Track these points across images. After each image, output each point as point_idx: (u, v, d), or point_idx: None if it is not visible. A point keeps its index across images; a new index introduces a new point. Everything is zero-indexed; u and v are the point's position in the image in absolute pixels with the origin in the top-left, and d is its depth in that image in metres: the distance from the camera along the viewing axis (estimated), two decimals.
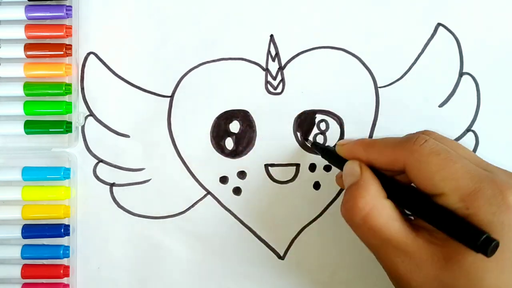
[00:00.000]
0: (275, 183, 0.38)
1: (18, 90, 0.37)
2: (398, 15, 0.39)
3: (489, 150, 0.39)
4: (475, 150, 0.39)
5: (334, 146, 0.35)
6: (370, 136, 0.39)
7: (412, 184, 0.30)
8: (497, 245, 0.25)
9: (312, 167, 0.38)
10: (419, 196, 0.29)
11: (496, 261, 0.26)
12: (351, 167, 0.31)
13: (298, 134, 0.38)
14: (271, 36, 0.39)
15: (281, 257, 0.38)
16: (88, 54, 0.39)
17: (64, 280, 0.38)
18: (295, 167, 0.38)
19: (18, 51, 0.37)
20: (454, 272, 0.27)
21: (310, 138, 0.38)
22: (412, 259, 0.28)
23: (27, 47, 0.37)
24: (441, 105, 0.39)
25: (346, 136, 0.38)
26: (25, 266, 0.37)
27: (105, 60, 0.39)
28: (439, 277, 0.27)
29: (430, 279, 0.28)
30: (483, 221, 0.26)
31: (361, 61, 0.39)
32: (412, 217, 0.31)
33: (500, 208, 0.26)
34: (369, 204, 0.29)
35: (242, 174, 0.39)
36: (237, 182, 0.39)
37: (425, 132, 0.31)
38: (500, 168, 0.30)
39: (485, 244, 0.25)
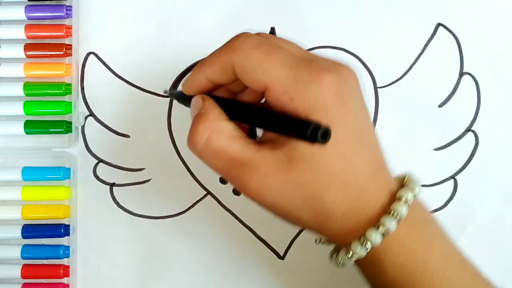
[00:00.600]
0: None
1: (18, 90, 0.38)
2: (399, 15, 0.39)
3: (489, 150, 0.39)
4: (475, 149, 0.39)
5: None
6: None
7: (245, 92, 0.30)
8: (327, 131, 0.24)
9: None
10: (251, 107, 0.29)
11: (332, 145, 0.26)
12: (195, 100, 0.30)
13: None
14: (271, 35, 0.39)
15: (281, 257, 0.38)
16: (88, 54, 0.39)
17: (64, 280, 0.38)
18: None
19: (18, 51, 0.37)
20: (299, 168, 0.27)
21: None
22: (259, 172, 0.27)
23: (27, 47, 0.37)
24: (441, 105, 0.39)
25: None
26: (25, 266, 0.37)
27: (105, 60, 0.39)
28: (288, 179, 0.27)
29: (281, 185, 0.27)
30: (308, 109, 0.26)
31: (361, 61, 0.39)
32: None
33: (319, 92, 0.26)
34: (209, 128, 0.28)
35: None
36: None
37: (254, 32, 0.30)
38: (325, 57, 0.29)
39: (315, 132, 0.24)
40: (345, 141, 0.27)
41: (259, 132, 0.31)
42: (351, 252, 0.28)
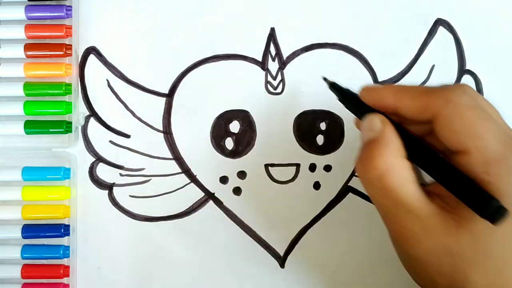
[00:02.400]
0: (275, 183, 0.38)
1: (18, 90, 0.38)
2: (399, 14, 0.39)
3: None
4: None
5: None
6: None
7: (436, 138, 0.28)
8: (504, 214, 0.24)
9: (312, 167, 0.38)
10: (438, 157, 0.27)
11: (504, 232, 0.25)
12: (372, 121, 0.28)
13: (298, 133, 0.38)
14: (271, 36, 0.39)
15: (281, 258, 0.38)
16: (88, 54, 0.39)
17: (64, 280, 0.38)
18: (295, 167, 0.38)
19: (18, 51, 0.37)
20: (462, 239, 0.26)
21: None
22: (422, 224, 0.27)
23: (27, 47, 0.37)
24: None
25: (346, 137, 0.38)
26: (25, 266, 0.37)
27: (105, 60, 0.39)
28: (447, 245, 0.26)
29: (438, 246, 0.26)
30: (499, 190, 0.25)
31: (362, 61, 0.39)
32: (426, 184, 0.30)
33: None
34: (387, 164, 0.27)
35: (242, 174, 0.38)
36: (237, 182, 0.38)
37: (463, 86, 0.28)
38: None
39: (494, 211, 0.24)
40: None
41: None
42: None
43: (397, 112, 0.29)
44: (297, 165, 0.38)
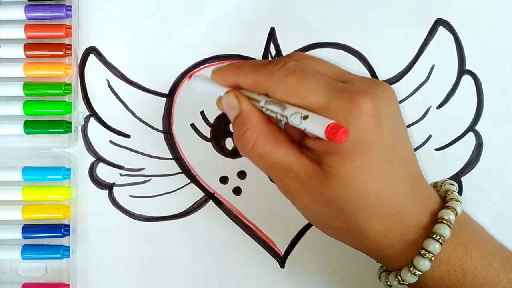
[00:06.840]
0: (275, 183, 0.38)
1: (17, 90, 0.38)
2: (399, 14, 0.39)
3: (490, 150, 0.39)
4: (475, 149, 0.39)
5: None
6: None
7: None
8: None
9: None
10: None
11: (368, 165, 0.27)
12: (229, 100, 0.30)
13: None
14: (272, 36, 0.39)
15: (282, 257, 0.38)
16: (88, 54, 0.39)
17: (64, 280, 0.38)
18: None
19: (18, 51, 0.37)
20: (334, 184, 0.27)
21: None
22: (298, 177, 0.28)
23: (27, 47, 0.37)
24: (441, 105, 0.39)
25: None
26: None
27: (105, 60, 0.39)
28: (324, 192, 0.28)
29: (318, 194, 0.28)
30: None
31: (362, 61, 0.39)
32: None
33: (354, 116, 0.26)
34: (255, 134, 0.29)
35: (242, 174, 0.38)
36: (237, 182, 0.38)
37: (291, 55, 0.30)
38: (363, 77, 0.30)
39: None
40: (381, 161, 0.27)
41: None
42: (400, 277, 0.29)
43: (241, 88, 0.30)
44: None
